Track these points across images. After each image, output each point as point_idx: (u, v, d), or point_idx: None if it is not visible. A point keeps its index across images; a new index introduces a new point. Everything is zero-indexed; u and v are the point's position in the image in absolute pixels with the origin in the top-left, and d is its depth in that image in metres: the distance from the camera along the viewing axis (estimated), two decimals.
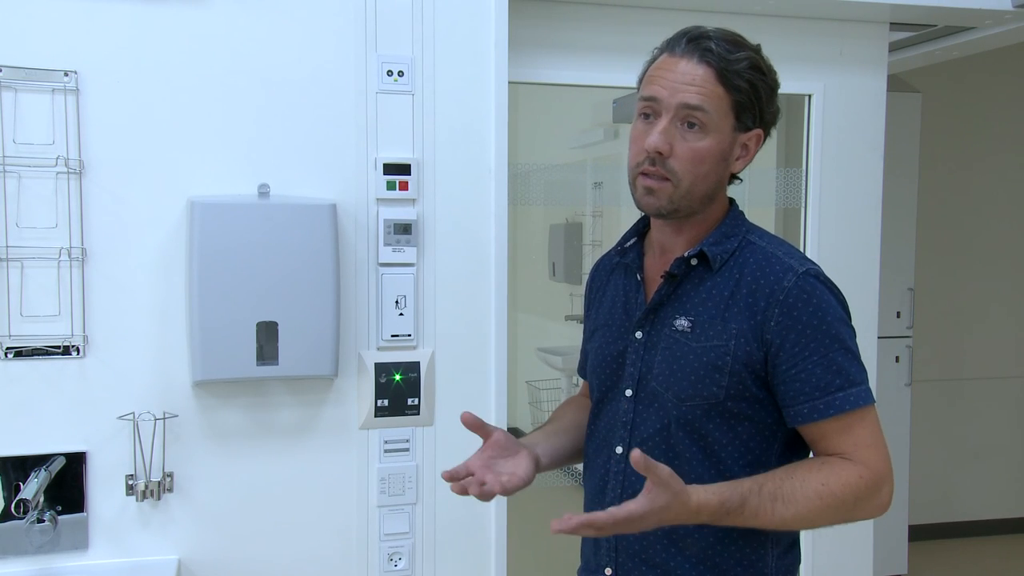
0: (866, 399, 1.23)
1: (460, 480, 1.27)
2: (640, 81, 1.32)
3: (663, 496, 1.11)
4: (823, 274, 1.27)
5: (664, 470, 1.11)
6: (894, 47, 2.73)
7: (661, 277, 1.32)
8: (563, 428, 1.49)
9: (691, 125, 1.25)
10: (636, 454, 1.09)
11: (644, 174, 1.27)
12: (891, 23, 2.39)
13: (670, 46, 1.30)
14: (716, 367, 1.25)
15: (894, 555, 3.95)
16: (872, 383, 2.38)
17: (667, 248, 1.35)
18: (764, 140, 1.34)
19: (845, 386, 1.22)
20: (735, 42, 1.28)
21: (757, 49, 1.30)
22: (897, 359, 3.93)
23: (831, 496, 1.18)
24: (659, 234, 1.37)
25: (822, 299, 1.24)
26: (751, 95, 1.27)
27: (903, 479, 3.97)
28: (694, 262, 1.30)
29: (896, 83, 3.27)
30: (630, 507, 1.11)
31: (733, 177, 1.36)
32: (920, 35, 2.66)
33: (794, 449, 1.29)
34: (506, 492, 1.28)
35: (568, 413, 1.54)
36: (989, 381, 4.55)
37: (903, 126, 3.78)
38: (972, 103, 4.43)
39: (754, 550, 1.28)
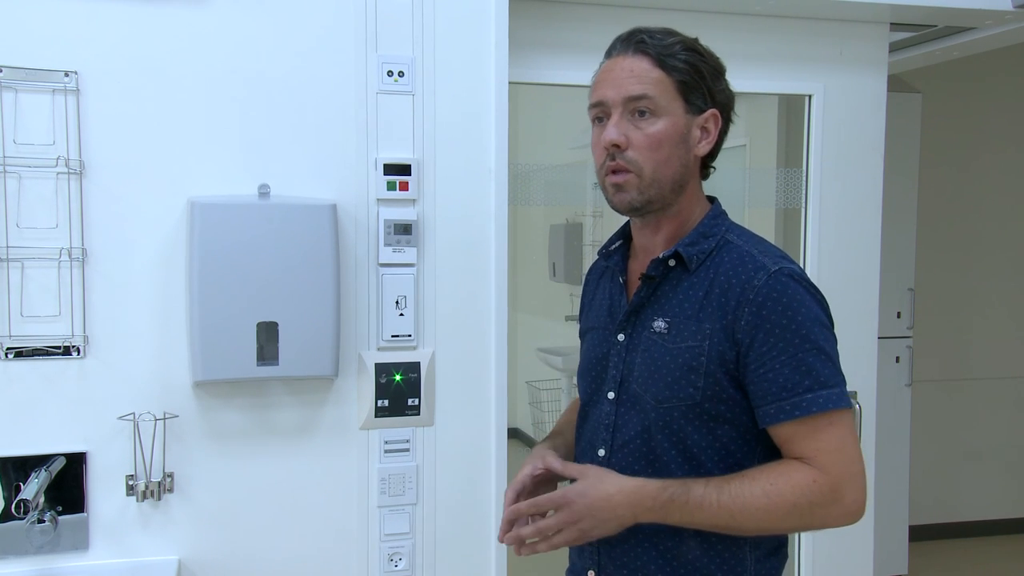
0: (836, 403, 1.20)
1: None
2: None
3: (581, 481, 1.24)
4: (798, 273, 1.26)
5: (576, 465, 1.31)
6: (894, 47, 2.73)
7: (639, 279, 1.33)
8: (565, 444, 1.48)
9: (641, 114, 1.28)
10: (553, 464, 1.31)
11: (610, 172, 1.30)
12: (891, 23, 2.39)
13: (608, 52, 1.35)
14: (691, 368, 1.25)
15: (894, 555, 3.95)
16: (872, 383, 2.40)
17: (647, 250, 1.36)
18: (726, 123, 1.34)
19: (814, 387, 1.20)
20: (668, 32, 1.32)
21: (694, 40, 1.33)
22: (897, 359, 3.93)
23: (779, 496, 1.18)
24: (639, 236, 1.38)
25: (794, 298, 1.22)
26: (693, 75, 1.29)
27: (903, 479, 3.97)
28: (672, 263, 1.31)
29: (896, 83, 3.27)
30: (549, 493, 1.28)
31: (705, 168, 1.36)
32: (920, 35, 2.66)
33: (776, 453, 1.27)
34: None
35: (569, 424, 1.54)
36: (989, 381, 4.55)
37: (903, 126, 3.78)
38: (972, 103, 4.43)
39: (733, 554, 1.28)
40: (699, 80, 1.29)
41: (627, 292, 1.38)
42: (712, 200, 1.39)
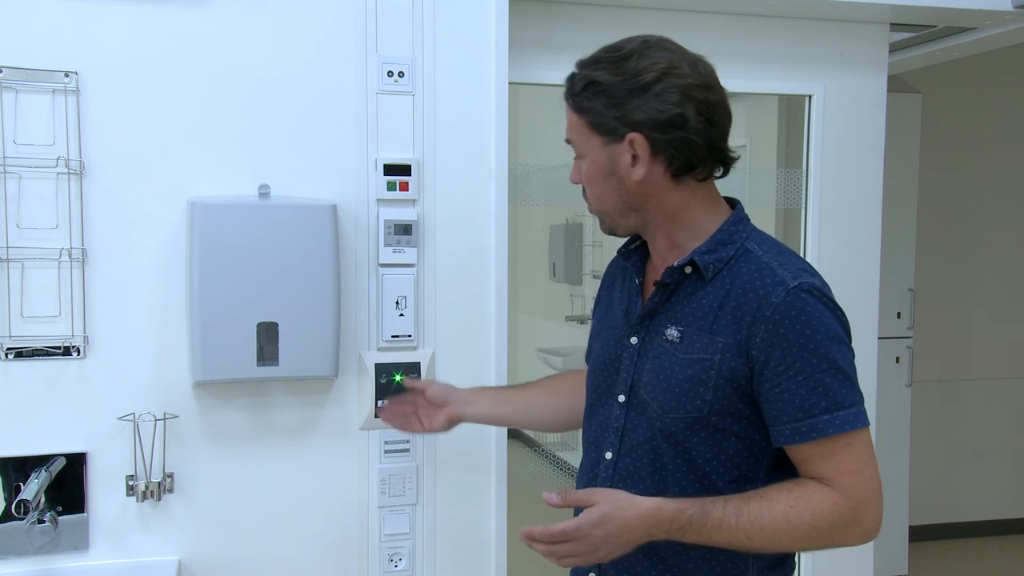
0: (853, 423, 1.18)
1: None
2: None
3: (595, 510, 1.18)
4: (819, 289, 1.22)
5: (582, 492, 1.22)
6: (894, 48, 2.73)
7: (654, 285, 1.32)
8: (516, 399, 1.66)
9: (578, 156, 1.34)
10: (550, 499, 1.21)
11: None
12: (891, 24, 2.39)
13: None
14: (700, 380, 1.23)
15: (894, 555, 3.96)
16: (872, 384, 2.40)
17: (663, 256, 1.34)
18: (662, 137, 1.24)
19: (831, 408, 1.17)
20: (588, 61, 1.31)
21: (627, 53, 1.27)
22: (897, 360, 3.93)
23: (799, 519, 1.16)
24: (649, 243, 1.37)
25: (812, 316, 1.19)
26: (595, 108, 1.27)
27: (903, 479, 3.97)
28: (688, 270, 1.28)
29: (896, 84, 3.27)
30: (563, 524, 1.19)
31: (708, 175, 1.30)
32: (920, 36, 2.66)
33: (785, 467, 1.25)
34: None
35: (538, 390, 1.66)
36: (989, 381, 4.56)
37: (903, 126, 3.78)
38: (972, 103, 4.43)
39: (735, 565, 1.26)
40: (603, 110, 1.26)
41: (643, 294, 1.36)
42: (734, 205, 1.35)
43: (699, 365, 1.23)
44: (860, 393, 1.21)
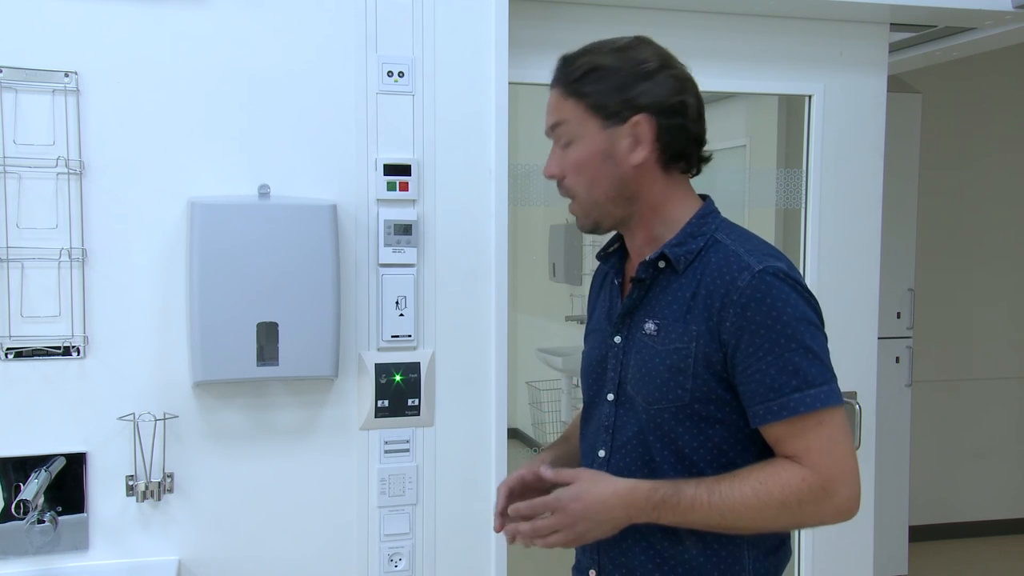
0: (824, 401, 1.19)
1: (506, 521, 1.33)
2: None
3: (575, 485, 1.24)
4: (784, 271, 1.23)
5: (569, 471, 1.28)
6: (894, 48, 2.73)
7: (630, 281, 1.34)
8: (571, 451, 1.53)
9: (566, 143, 1.32)
10: (545, 472, 1.27)
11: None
12: (891, 24, 2.39)
13: None
14: (679, 369, 1.25)
15: (894, 555, 3.96)
16: (872, 383, 2.40)
17: (636, 251, 1.37)
18: (666, 122, 1.27)
19: (801, 387, 1.18)
20: (586, 50, 1.31)
21: (611, 48, 1.29)
22: (897, 360, 3.93)
23: (768, 496, 1.18)
24: (627, 239, 1.40)
25: (778, 297, 1.20)
26: (600, 91, 1.27)
27: (903, 479, 3.97)
28: (661, 264, 1.30)
29: (896, 84, 3.27)
30: (544, 497, 1.26)
31: (689, 168, 1.33)
32: (920, 36, 2.66)
33: (770, 451, 1.26)
34: None
35: (575, 431, 1.59)
36: (989, 381, 4.56)
37: (903, 126, 3.78)
38: (972, 103, 4.43)
39: (730, 553, 1.28)
40: (609, 93, 1.27)
41: (623, 294, 1.38)
42: (704, 198, 1.37)
43: (677, 355, 1.25)
44: (832, 372, 1.22)
